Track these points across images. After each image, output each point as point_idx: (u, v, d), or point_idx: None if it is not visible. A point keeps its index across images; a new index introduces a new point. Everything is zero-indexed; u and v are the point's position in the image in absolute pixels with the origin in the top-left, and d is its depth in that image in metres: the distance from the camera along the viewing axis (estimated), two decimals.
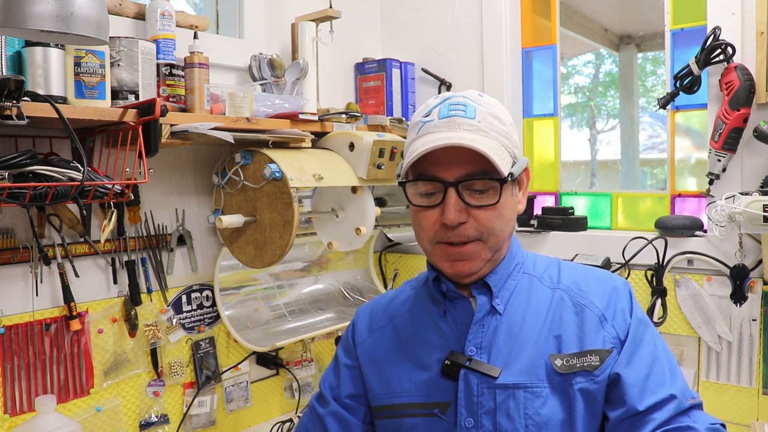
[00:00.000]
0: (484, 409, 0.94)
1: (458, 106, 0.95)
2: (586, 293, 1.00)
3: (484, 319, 0.99)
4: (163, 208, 1.76)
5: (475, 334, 0.98)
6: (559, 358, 0.94)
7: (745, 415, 1.73)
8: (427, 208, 0.96)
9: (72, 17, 1.01)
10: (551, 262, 1.07)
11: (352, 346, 1.12)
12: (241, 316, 1.93)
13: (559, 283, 1.02)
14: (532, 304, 1.00)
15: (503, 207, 0.95)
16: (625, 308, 0.98)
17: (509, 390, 0.94)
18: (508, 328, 0.98)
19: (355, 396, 1.09)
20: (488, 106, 0.96)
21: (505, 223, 0.97)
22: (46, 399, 1.45)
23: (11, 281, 1.47)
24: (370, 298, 2.23)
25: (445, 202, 0.93)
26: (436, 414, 0.98)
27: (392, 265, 2.43)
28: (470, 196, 0.94)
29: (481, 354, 0.97)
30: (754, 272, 1.70)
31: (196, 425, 1.82)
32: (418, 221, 0.99)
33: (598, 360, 0.93)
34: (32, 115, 1.22)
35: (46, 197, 1.25)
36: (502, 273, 1.01)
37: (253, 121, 1.64)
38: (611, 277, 1.04)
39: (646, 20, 2.32)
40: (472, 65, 2.23)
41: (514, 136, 0.98)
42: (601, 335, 0.95)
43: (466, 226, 0.94)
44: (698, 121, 1.93)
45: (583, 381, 0.93)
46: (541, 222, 2.08)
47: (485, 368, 0.95)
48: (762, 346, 1.70)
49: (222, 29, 2.01)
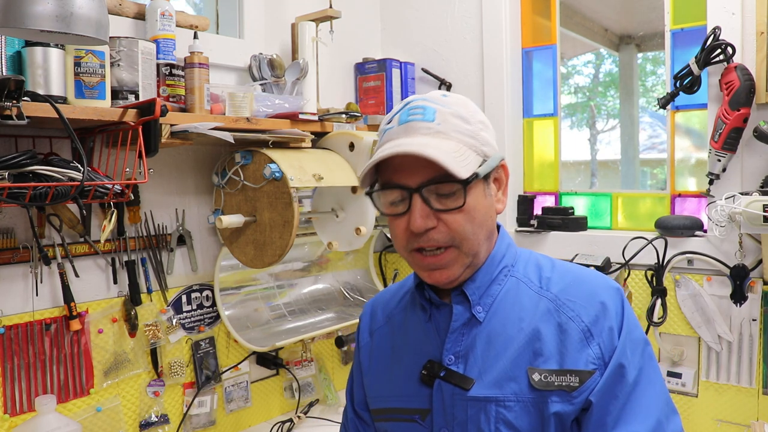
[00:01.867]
0: (457, 420, 0.93)
1: (416, 110, 0.92)
2: (575, 304, 0.93)
3: (463, 328, 0.96)
4: (163, 208, 1.76)
5: (453, 342, 0.95)
6: (537, 372, 0.90)
7: (745, 415, 1.72)
8: (398, 216, 0.94)
9: (72, 17, 1.02)
10: (544, 264, 1.01)
11: (358, 350, 1.14)
12: (241, 316, 1.93)
13: (548, 290, 0.96)
14: (516, 312, 0.95)
15: (473, 209, 0.92)
16: (615, 327, 0.91)
17: (480, 403, 0.91)
18: (487, 337, 0.94)
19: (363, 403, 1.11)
20: (451, 106, 0.93)
21: (478, 225, 0.93)
22: (46, 399, 1.45)
23: (11, 281, 1.47)
24: (370, 298, 2.26)
25: (411, 209, 0.91)
26: (416, 420, 0.97)
27: (392, 265, 2.43)
28: (437, 201, 0.91)
29: (458, 364, 0.94)
30: (754, 272, 1.70)
31: (196, 425, 1.82)
32: (392, 230, 0.97)
33: (577, 381, 0.89)
34: (32, 115, 1.22)
35: (46, 197, 1.25)
36: (483, 279, 0.97)
37: (253, 121, 1.64)
38: (605, 287, 0.96)
39: (646, 20, 2.32)
40: (472, 65, 2.23)
41: (483, 133, 0.94)
42: (584, 354, 0.90)
43: (435, 230, 0.91)
44: (698, 121, 1.93)
45: (559, 401, 0.88)
46: (541, 222, 2.08)
47: (458, 379, 0.93)
48: (762, 346, 1.70)
49: (222, 29, 2.01)
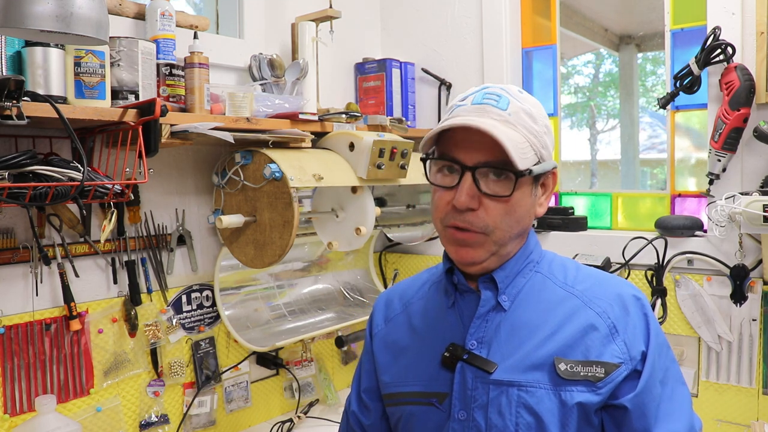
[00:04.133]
0: (477, 403, 0.95)
1: (492, 96, 0.95)
2: (600, 302, 0.97)
3: (488, 314, 0.98)
4: (163, 208, 1.76)
5: (477, 328, 0.98)
6: (564, 362, 0.92)
7: (745, 415, 1.72)
8: (444, 188, 0.96)
9: (72, 17, 1.01)
10: (569, 265, 1.05)
11: (368, 339, 1.15)
12: (241, 316, 1.93)
13: (574, 287, 0.99)
14: (541, 304, 0.98)
15: (516, 203, 0.94)
16: (641, 328, 0.95)
17: (503, 386, 0.93)
18: (511, 325, 0.97)
19: (370, 390, 1.12)
20: (524, 102, 0.96)
21: (516, 221, 0.95)
22: (46, 399, 1.45)
23: (11, 281, 1.47)
24: (370, 298, 2.26)
25: (460, 185, 0.93)
26: (433, 404, 0.99)
27: (392, 265, 2.43)
28: (485, 185, 0.93)
29: (481, 349, 0.97)
30: (754, 272, 1.70)
31: (196, 425, 1.82)
32: (434, 200, 0.99)
33: (603, 372, 0.91)
34: (32, 115, 1.22)
35: (46, 197, 1.25)
36: (512, 269, 1.00)
37: (253, 121, 1.64)
38: (630, 290, 0.99)
39: (646, 20, 2.32)
40: (472, 65, 2.23)
41: (545, 137, 0.97)
42: (609, 348, 0.93)
43: (475, 213, 0.93)
44: (698, 121, 1.93)
45: (585, 391, 0.91)
46: (541, 222, 2.08)
47: (481, 362, 0.95)
48: (762, 346, 1.70)
49: (222, 29, 2.01)
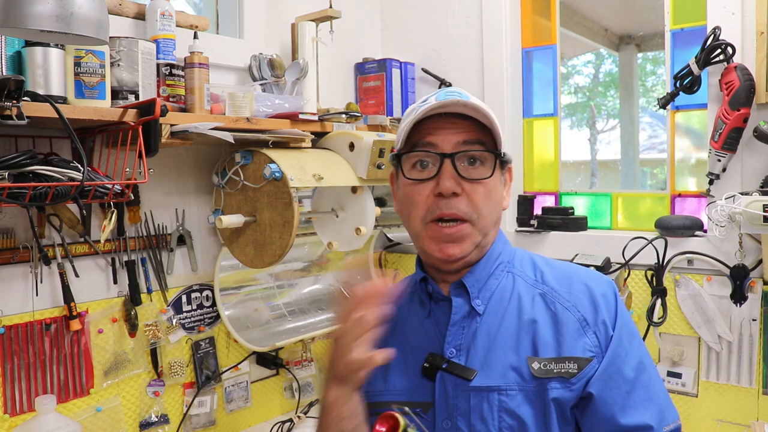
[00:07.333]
0: (460, 411, 0.95)
1: (454, 92, 0.98)
2: (569, 296, 0.98)
3: (464, 320, 0.99)
4: (163, 208, 1.76)
5: (454, 335, 0.98)
6: (537, 361, 0.93)
7: (745, 415, 1.72)
8: (421, 181, 0.97)
9: (72, 17, 1.01)
10: (539, 261, 1.06)
11: None
12: (241, 316, 1.93)
13: (544, 284, 1.01)
14: (513, 304, 0.99)
15: (493, 187, 0.98)
16: (609, 316, 0.97)
17: (483, 393, 0.94)
18: (487, 330, 0.97)
19: None
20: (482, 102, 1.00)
21: (494, 206, 0.98)
22: (46, 399, 1.45)
23: (11, 281, 1.47)
24: None
25: (441, 173, 0.95)
26: (418, 413, 0.98)
27: (392, 265, 2.43)
28: (464, 169, 0.96)
29: (460, 356, 0.97)
30: (754, 272, 1.70)
31: (196, 425, 1.82)
32: (410, 199, 0.99)
33: (576, 368, 0.92)
34: (32, 115, 1.22)
35: (46, 197, 1.25)
36: (481, 273, 1.00)
37: (253, 121, 1.64)
38: (598, 280, 1.01)
39: (646, 20, 2.32)
40: (472, 65, 2.23)
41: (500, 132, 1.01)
42: (581, 342, 0.94)
43: (459, 198, 0.95)
44: (698, 121, 1.92)
45: (559, 387, 0.92)
46: (541, 222, 2.08)
47: (461, 370, 0.95)
48: (762, 346, 1.70)
49: (222, 29, 2.01)
